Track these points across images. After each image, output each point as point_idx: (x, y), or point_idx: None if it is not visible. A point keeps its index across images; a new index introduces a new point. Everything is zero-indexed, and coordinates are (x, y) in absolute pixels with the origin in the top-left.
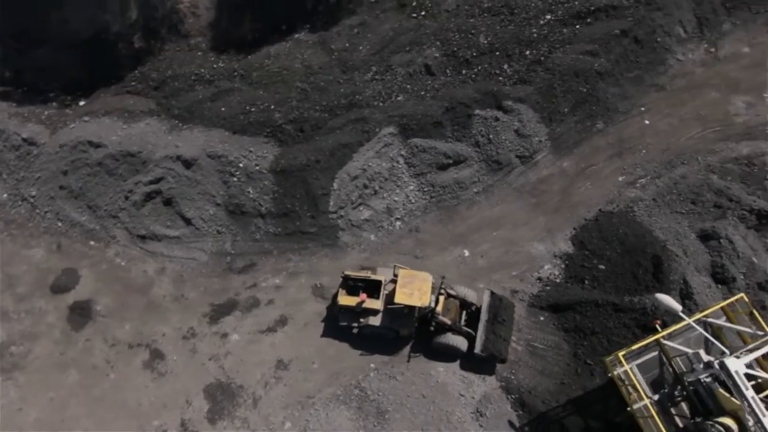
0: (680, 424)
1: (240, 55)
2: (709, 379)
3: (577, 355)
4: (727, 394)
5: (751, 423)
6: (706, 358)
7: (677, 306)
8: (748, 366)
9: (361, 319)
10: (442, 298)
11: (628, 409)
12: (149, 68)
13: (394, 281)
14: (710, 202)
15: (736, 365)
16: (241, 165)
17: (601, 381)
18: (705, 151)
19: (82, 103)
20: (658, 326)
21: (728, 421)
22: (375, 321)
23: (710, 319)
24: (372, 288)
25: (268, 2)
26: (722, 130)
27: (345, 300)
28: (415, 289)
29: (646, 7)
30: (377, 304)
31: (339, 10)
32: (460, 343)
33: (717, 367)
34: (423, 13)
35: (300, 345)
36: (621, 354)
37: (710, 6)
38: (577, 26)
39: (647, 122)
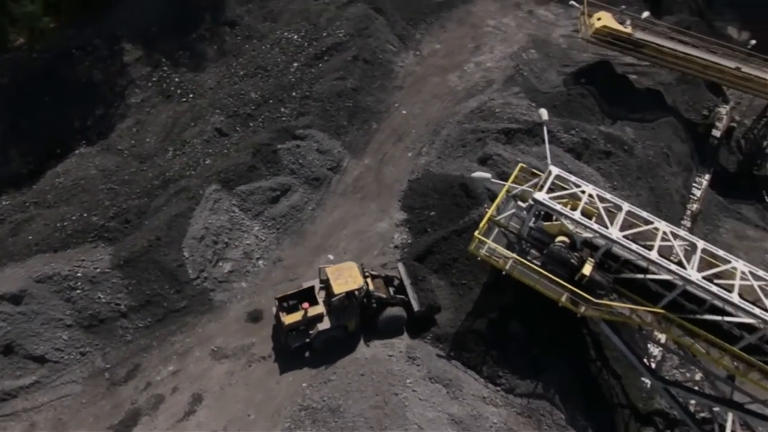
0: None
1: (24, 188)
2: (535, 224)
3: (454, 284)
4: (549, 222)
5: (572, 227)
6: (524, 205)
7: (487, 174)
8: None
9: (311, 332)
10: (369, 280)
11: (503, 272)
12: None
13: (322, 286)
14: (473, 140)
15: (541, 195)
16: (79, 275)
17: (478, 289)
18: (451, 114)
19: None
20: (486, 208)
21: (562, 238)
22: (324, 325)
23: (511, 192)
24: (307, 298)
25: (30, 135)
26: (453, 98)
27: (290, 318)
28: (347, 277)
29: (359, 38)
30: (320, 308)
31: (109, 119)
32: (401, 311)
33: (532, 202)
34: (191, 95)
35: (227, 409)
36: (477, 233)
37: (401, 26)
38: (320, 64)
39: (404, 112)
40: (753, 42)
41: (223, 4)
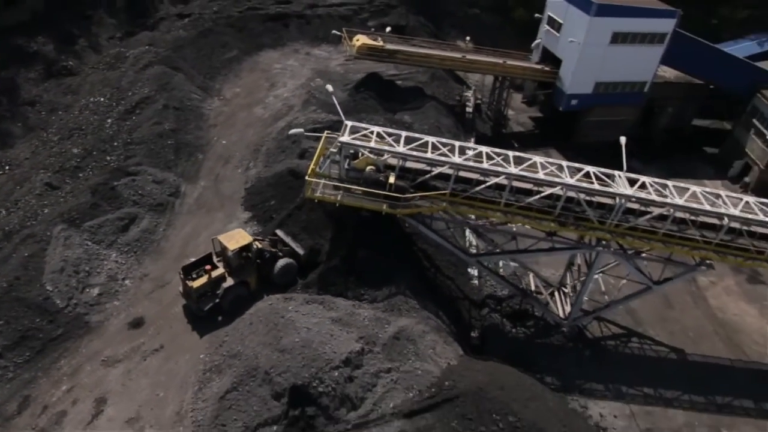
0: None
1: None
2: (349, 166)
3: (312, 248)
4: (357, 160)
5: (373, 157)
6: (334, 150)
7: (301, 130)
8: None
9: (218, 292)
10: (258, 242)
11: (337, 205)
12: None
13: (219, 258)
14: (289, 144)
15: (344, 138)
16: None
17: (328, 244)
18: (266, 134)
19: None
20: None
21: (370, 167)
22: (228, 282)
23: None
24: (208, 263)
25: None
26: (263, 124)
27: (198, 282)
28: (238, 238)
29: (164, 91)
30: (221, 270)
31: None
32: (291, 261)
33: (340, 144)
34: (7, 167)
35: (134, 398)
36: (308, 177)
37: (200, 80)
38: (134, 117)
39: (224, 142)
40: (468, 38)
41: (18, 87)
